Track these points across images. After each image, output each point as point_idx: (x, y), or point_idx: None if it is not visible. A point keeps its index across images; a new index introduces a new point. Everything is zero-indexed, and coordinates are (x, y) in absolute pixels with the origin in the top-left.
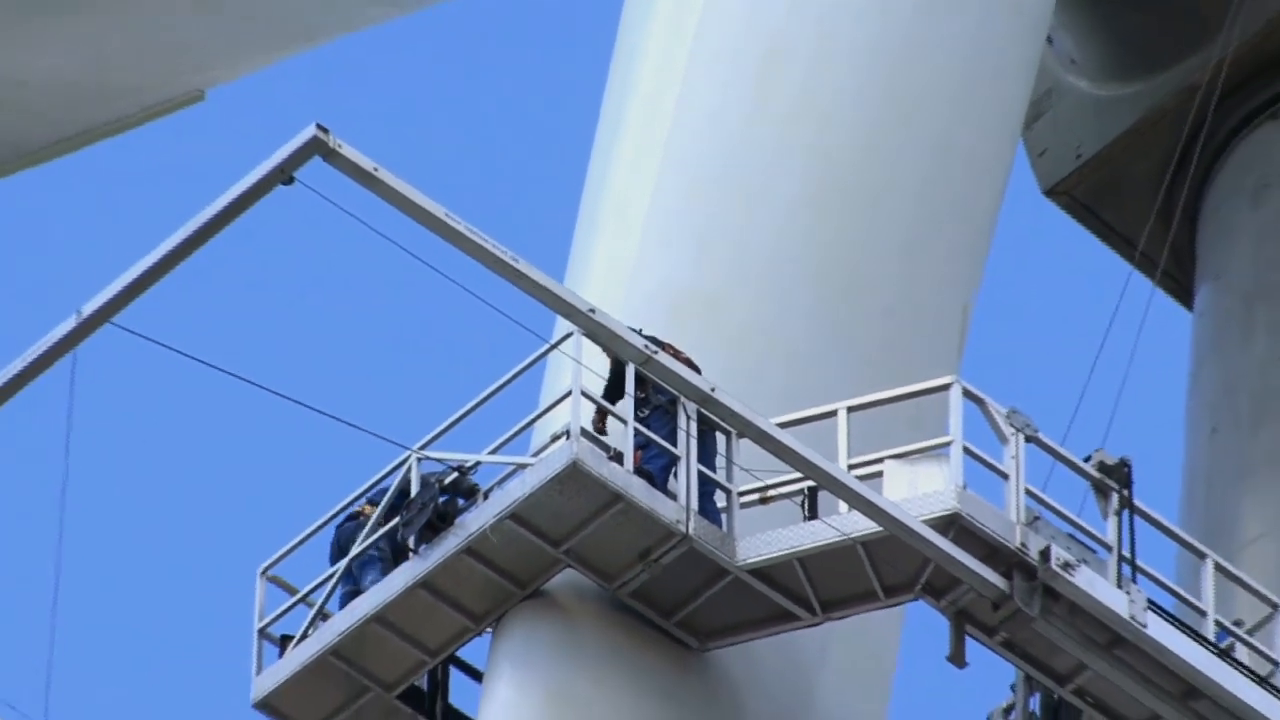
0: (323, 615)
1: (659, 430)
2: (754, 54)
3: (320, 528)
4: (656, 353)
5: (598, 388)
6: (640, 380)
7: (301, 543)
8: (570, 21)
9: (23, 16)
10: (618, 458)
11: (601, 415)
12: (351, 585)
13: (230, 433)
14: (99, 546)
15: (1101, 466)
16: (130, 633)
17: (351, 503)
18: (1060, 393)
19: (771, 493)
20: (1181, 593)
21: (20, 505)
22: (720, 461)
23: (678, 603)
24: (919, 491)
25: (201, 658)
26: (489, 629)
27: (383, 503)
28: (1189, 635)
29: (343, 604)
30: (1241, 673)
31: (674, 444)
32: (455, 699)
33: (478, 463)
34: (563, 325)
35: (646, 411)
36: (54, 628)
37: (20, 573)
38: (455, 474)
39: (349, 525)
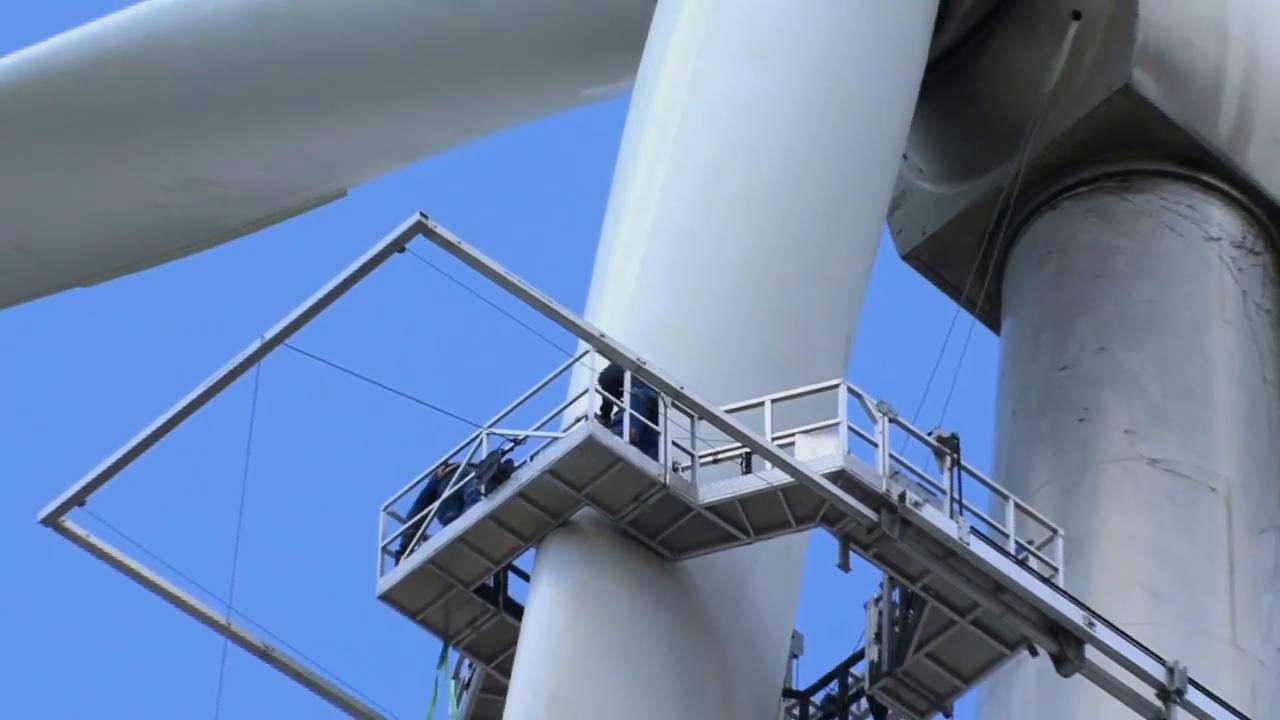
0: (424, 537)
1: (637, 413)
2: (708, 165)
3: (421, 479)
4: (645, 362)
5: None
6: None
7: (409, 489)
8: (583, 144)
9: (235, 139)
10: (619, 432)
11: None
12: (450, 513)
13: (363, 417)
14: (275, 498)
15: (939, 439)
16: (297, 548)
17: (439, 465)
18: (912, 390)
19: (720, 456)
20: (992, 522)
21: (224, 462)
22: (685, 433)
23: (659, 528)
24: (819, 455)
25: (343, 566)
26: (534, 546)
27: (462, 465)
28: (997, 550)
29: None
30: (1033, 575)
31: (653, 422)
32: (512, 593)
33: (527, 436)
34: (581, 344)
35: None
36: (238, 547)
37: (220, 512)
38: (512, 444)
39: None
